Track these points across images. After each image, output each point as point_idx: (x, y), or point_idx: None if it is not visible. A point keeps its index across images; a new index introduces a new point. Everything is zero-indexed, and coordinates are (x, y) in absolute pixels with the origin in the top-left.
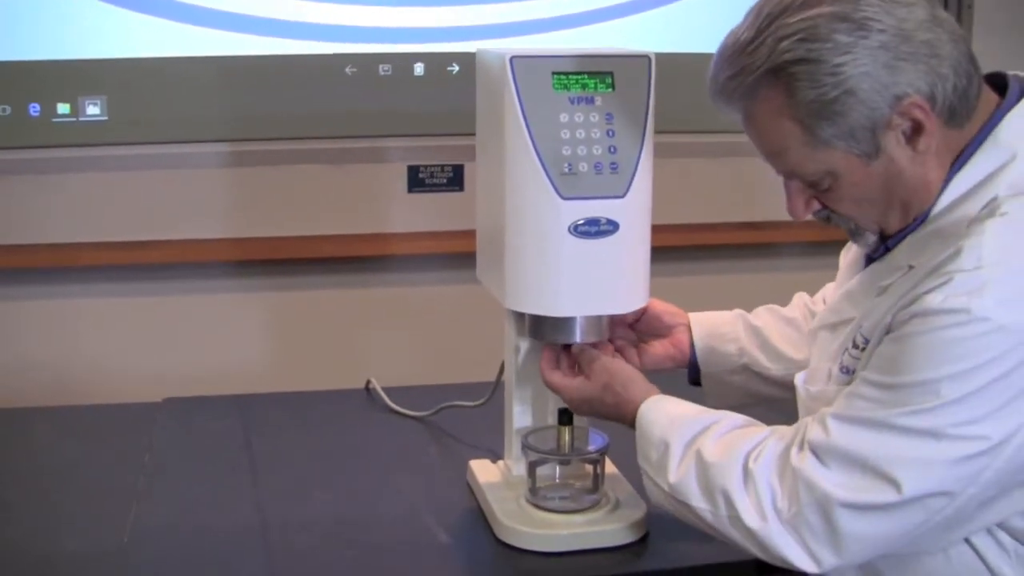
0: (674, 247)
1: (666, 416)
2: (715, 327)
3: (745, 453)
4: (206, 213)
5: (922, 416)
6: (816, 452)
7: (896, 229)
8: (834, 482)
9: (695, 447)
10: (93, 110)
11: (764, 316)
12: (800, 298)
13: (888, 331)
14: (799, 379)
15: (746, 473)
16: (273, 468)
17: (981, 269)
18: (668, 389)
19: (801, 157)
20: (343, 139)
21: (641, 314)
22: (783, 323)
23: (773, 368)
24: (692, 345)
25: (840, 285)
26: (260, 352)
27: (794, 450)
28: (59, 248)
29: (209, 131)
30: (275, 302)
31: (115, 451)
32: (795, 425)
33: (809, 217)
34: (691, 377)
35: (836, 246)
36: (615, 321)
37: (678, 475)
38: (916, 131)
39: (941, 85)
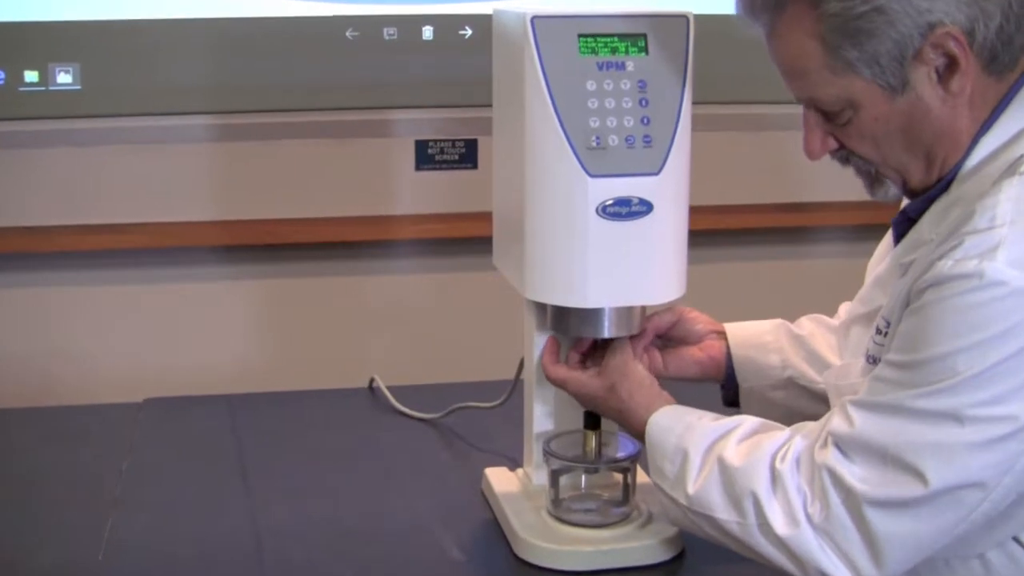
0: (704, 231)
1: (681, 423)
2: (754, 336)
3: (771, 454)
4: (192, 193)
5: (939, 397)
6: (839, 444)
7: (918, 182)
8: (859, 476)
9: (715, 452)
10: (65, 78)
11: (808, 325)
12: (846, 308)
13: (907, 306)
14: (828, 375)
15: (773, 475)
16: (266, 475)
17: (994, 229)
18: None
19: (821, 81)
20: (343, 111)
21: (675, 321)
22: (830, 332)
23: (821, 382)
24: (728, 357)
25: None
26: (252, 347)
27: (818, 445)
28: (28, 232)
29: (195, 102)
30: (269, 291)
31: (91, 457)
32: (821, 419)
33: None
34: (727, 396)
35: (883, 231)
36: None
37: (698, 484)
38: (950, 69)
39: (983, 22)
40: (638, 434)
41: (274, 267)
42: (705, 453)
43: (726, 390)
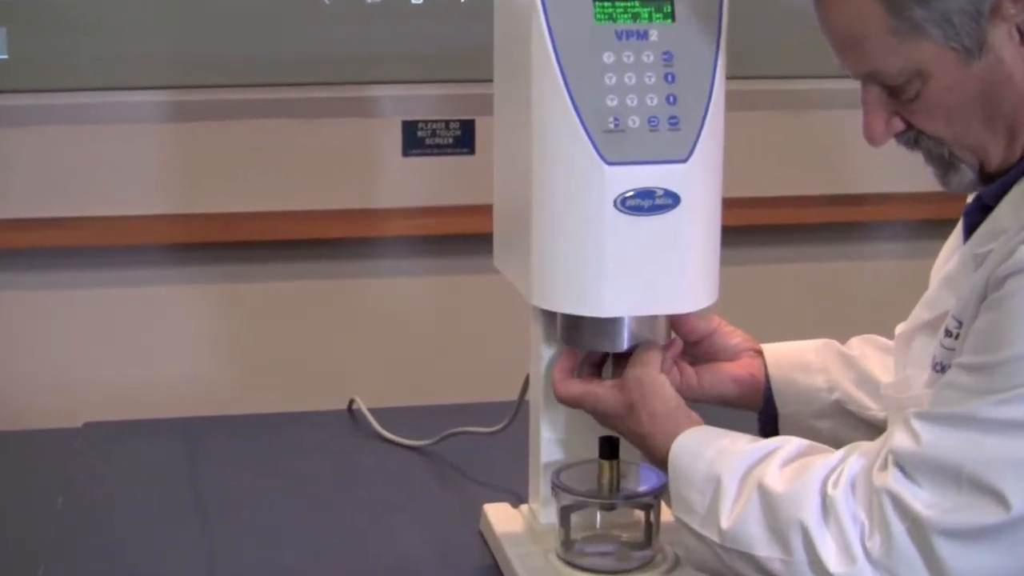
0: (740, 227)
1: (712, 447)
2: (796, 355)
3: (822, 478)
4: (140, 182)
5: (1019, 404)
6: (902, 464)
7: (998, 162)
8: (927, 502)
9: (754, 478)
10: None
11: (860, 346)
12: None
13: (983, 301)
14: (888, 388)
15: (825, 503)
16: (229, 515)
17: None
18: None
19: (883, 49)
20: (318, 87)
21: (706, 334)
22: (885, 353)
23: (875, 408)
24: (766, 379)
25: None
26: (211, 362)
27: (877, 465)
28: None
29: (143, 75)
30: (230, 297)
31: (18, 493)
32: (881, 437)
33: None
34: (764, 426)
35: (950, 227)
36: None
37: (734, 517)
38: None
39: None
40: (660, 461)
41: (237, 269)
42: (742, 479)
43: (763, 418)
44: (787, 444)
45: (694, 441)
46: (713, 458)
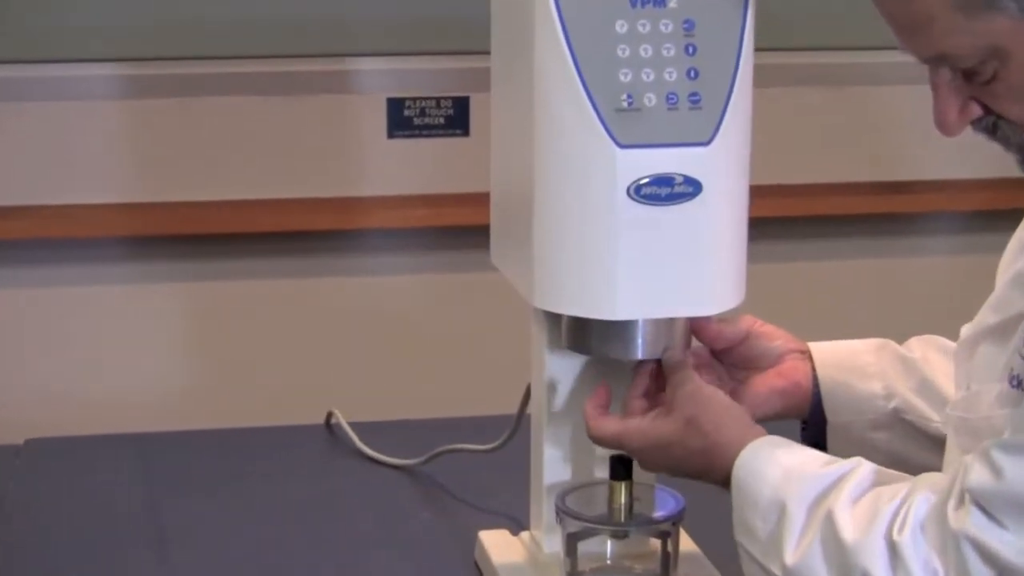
0: (770, 219)
1: (779, 466)
2: (849, 357)
3: (887, 521)
4: (89, 166)
5: None
6: (981, 504)
7: None
8: (1016, 547)
9: (823, 510)
10: None
11: (921, 348)
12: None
13: None
14: (954, 407)
15: (892, 550)
16: (187, 544)
17: None
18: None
19: (952, 28)
20: (292, 59)
21: (736, 339)
22: (949, 358)
23: (937, 420)
24: (814, 382)
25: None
26: (170, 370)
27: (951, 505)
28: None
29: (93, 46)
30: (192, 297)
31: None
32: (950, 469)
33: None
34: (808, 434)
35: (1015, 218)
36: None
37: (799, 554)
38: None
39: None
40: (723, 479)
41: (199, 265)
42: (810, 511)
43: (809, 427)
44: (858, 469)
45: (757, 459)
46: (779, 479)
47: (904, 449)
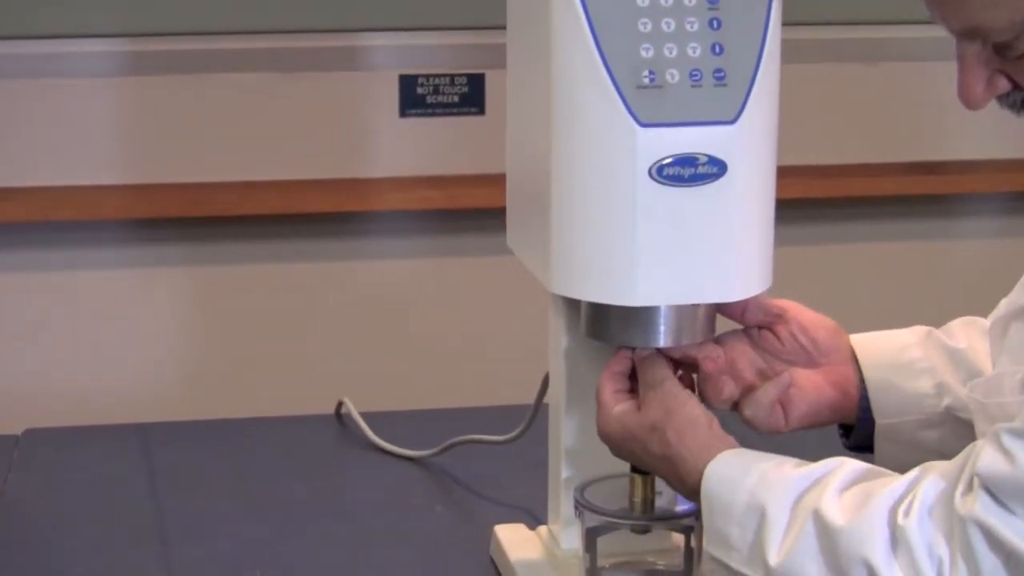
0: (798, 200)
1: (754, 472)
2: (894, 351)
3: (889, 506)
4: (89, 146)
5: None
6: (992, 490)
7: None
8: None
9: (806, 507)
10: None
11: (963, 333)
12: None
13: None
14: (974, 388)
15: (895, 534)
16: (191, 538)
17: None
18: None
19: (991, 1)
20: (300, 34)
21: (772, 316)
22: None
23: None
24: (861, 383)
25: None
26: (174, 358)
27: (959, 490)
28: None
29: (93, 20)
30: (197, 282)
31: None
32: (960, 455)
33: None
34: (852, 437)
35: None
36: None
37: (785, 552)
38: None
39: None
40: (690, 491)
41: (204, 248)
42: (792, 509)
43: (855, 432)
44: (842, 467)
45: (729, 467)
46: (755, 486)
47: (956, 447)
